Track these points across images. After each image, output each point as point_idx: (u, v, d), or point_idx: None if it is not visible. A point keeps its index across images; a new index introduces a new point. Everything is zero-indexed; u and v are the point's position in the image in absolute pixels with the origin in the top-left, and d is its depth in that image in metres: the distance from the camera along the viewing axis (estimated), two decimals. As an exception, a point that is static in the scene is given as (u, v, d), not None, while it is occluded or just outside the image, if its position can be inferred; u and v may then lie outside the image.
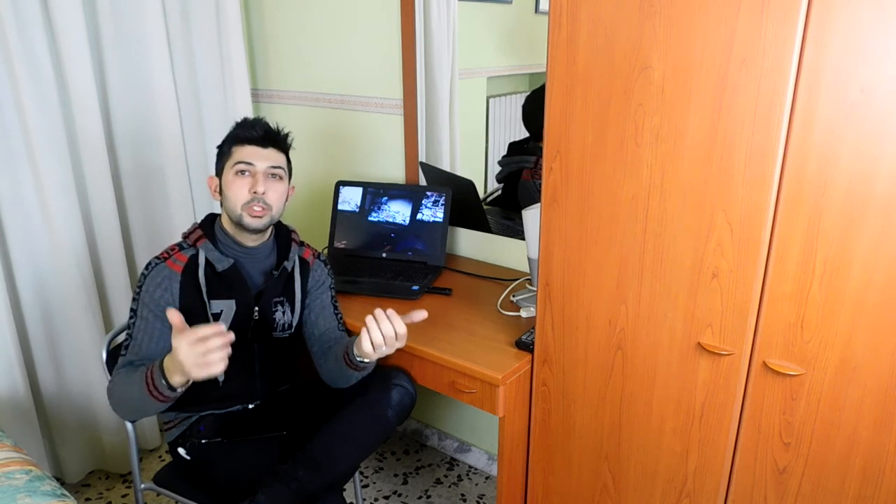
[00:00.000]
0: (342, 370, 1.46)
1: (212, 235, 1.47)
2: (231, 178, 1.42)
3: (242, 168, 1.41)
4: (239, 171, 1.42)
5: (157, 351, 1.40)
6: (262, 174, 1.42)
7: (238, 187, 1.41)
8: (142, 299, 1.40)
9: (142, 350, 1.40)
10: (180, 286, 1.41)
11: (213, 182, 1.49)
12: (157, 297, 1.40)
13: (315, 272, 1.59)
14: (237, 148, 1.43)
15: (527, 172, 1.88)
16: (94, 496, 2.10)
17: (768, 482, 1.22)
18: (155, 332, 1.40)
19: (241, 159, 1.42)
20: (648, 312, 1.27)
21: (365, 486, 2.15)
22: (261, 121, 1.47)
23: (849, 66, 0.96)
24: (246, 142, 1.43)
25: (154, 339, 1.40)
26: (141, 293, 1.41)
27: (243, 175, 1.42)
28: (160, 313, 1.39)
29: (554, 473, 1.54)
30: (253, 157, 1.42)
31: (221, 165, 1.46)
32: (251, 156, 1.42)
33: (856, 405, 1.09)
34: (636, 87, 1.15)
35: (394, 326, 1.32)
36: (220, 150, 1.48)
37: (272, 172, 1.44)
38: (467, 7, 1.84)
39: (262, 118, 1.49)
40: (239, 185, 1.41)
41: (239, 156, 1.42)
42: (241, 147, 1.43)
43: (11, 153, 1.78)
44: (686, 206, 1.16)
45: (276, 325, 1.52)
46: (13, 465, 1.30)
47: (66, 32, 1.81)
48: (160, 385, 1.25)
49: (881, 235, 1.00)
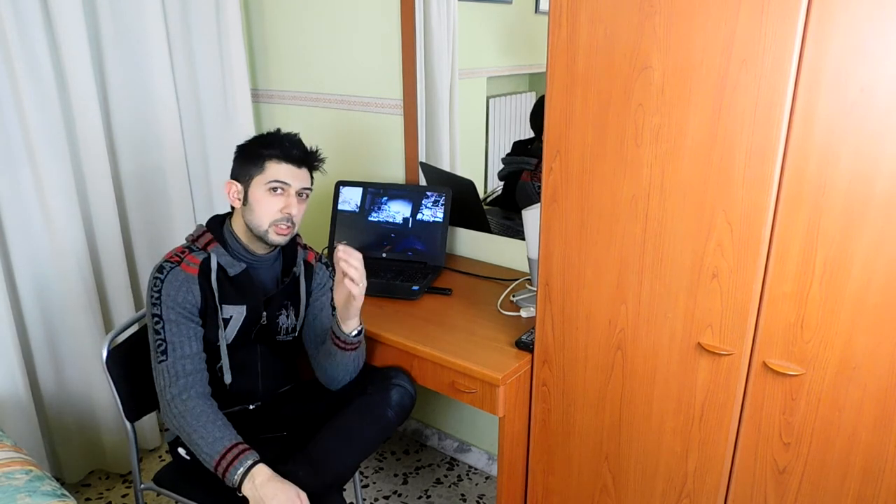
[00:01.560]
0: (335, 358, 1.47)
1: (222, 240, 1.46)
2: (263, 194, 1.41)
3: (278, 186, 1.40)
4: (273, 189, 1.40)
5: (197, 350, 1.40)
6: (295, 195, 1.42)
7: (270, 204, 1.40)
8: (164, 303, 1.38)
9: (185, 352, 1.38)
10: (200, 288, 1.41)
11: (234, 188, 1.45)
12: (180, 299, 1.38)
13: (318, 275, 1.59)
14: (274, 164, 1.41)
15: (526, 174, 1.88)
16: (94, 496, 2.10)
17: (768, 482, 1.22)
18: (190, 333, 1.39)
19: (278, 178, 1.40)
20: (648, 312, 1.27)
21: (365, 486, 2.15)
22: (299, 140, 1.46)
23: (849, 66, 0.96)
24: (285, 160, 1.41)
25: (191, 338, 1.39)
26: (161, 298, 1.38)
27: (276, 193, 1.41)
28: (187, 315, 1.39)
29: (554, 473, 1.54)
30: (289, 178, 1.41)
31: (249, 175, 1.42)
32: (288, 176, 1.41)
33: (856, 405, 1.09)
34: (636, 87, 1.15)
35: (354, 255, 1.36)
36: (247, 158, 1.44)
37: (303, 192, 1.44)
38: (467, 7, 1.84)
39: (298, 135, 1.47)
40: (271, 202, 1.40)
41: (275, 173, 1.40)
42: (278, 164, 1.41)
43: (11, 153, 1.78)
44: (686, 206, 1.16)
45: (280, 329, 1.53)
46: (13, 465, 1.30)
47: (66, 32, 1.81)
48: (229, 481, 1.29)
49: (881, 235, 1.00)
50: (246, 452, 1.30)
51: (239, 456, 1.29)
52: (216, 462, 1.30)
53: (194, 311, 1.40)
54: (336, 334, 1.45)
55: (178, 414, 1.35)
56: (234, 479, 1.28)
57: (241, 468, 1.28)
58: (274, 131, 1.47)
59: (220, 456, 1.30)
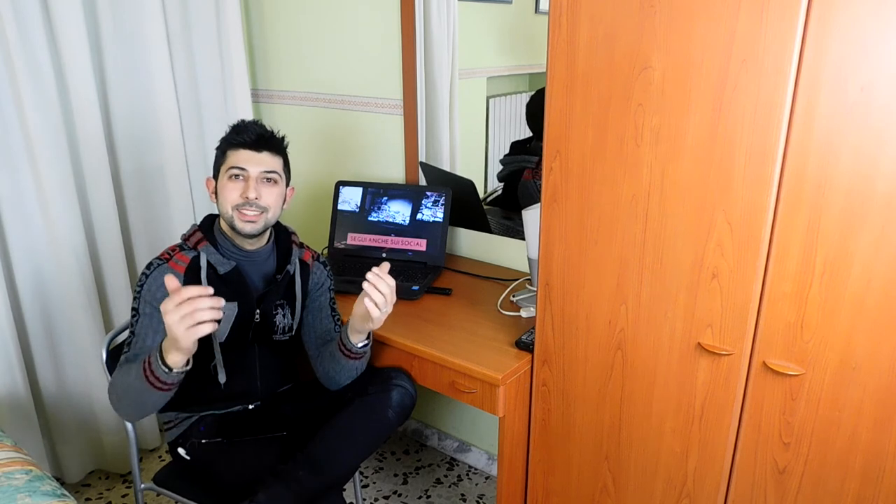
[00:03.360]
0: (339, 363, 1.47)
1: (212, 238, 1.47)
2: (224, 182, 1.42)
3: (236, 173, 1.41)
4: (232, 176, 1.41)
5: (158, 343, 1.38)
6: (255, 179, 1.41)
7: (229, 191, 1.41)
8: (143, 297, 1.39)
9: (145, 344, 1.38)
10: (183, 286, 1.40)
11: (211, 184, 1.48)
12: (159, 296, 1.38)
13: (315, 274, 1.59)
14: (231, 152, 1.42)
15: (528, 172, 1.88)
16: (94, 496, 2.10)
17: (768, 482, 1.22)
18: (159, 327, 1.38)
19: (235, 164, 1.41)
20: (648, 312, 1.27)
21: (365, 486, 2.15)
22: (255, 124, 1.45)
23: (849, 66, 0.96)
24: (240, 146, 1.42)
25: (157, 331, 1.39)
26: (142, 292, 1.39)
27: (236, 179, 1.41)
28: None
29: (554, 473, 1.54)
30: (246, 162, 1.41)
31: (217, 168, 1.45)
32: (245, 160, 1.41)
33: (856, 405, 1.09)
34: (636, 87, 1.15)
35: (385, 281, 1.34)
36: (217, 153, 1.47)
37: (266, 177, 1.43)
38: (467, 7, 1.84)
39: (258, 121, 1.47)
40: (231, 188, 1.41)
41: (233, 160, 1.41)
42: (235, 151, 1.42)
43: (11, 153, 1.78)
44: (686, 205, 1.16)
45: (276, 328, 1.52)
46: (13, 465, 1.30)
47: (66, 32, 1.81)
48: (158, 370, 1.23)
49: (881, 235, 1.00)
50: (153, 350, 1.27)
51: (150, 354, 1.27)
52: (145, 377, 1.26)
53: None
54: (343, 342, 1.45)
55: (110, 391, 1.36)
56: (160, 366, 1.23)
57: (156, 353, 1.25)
58: (237, 121, 1.48)
59: (142, 368, 1.26)
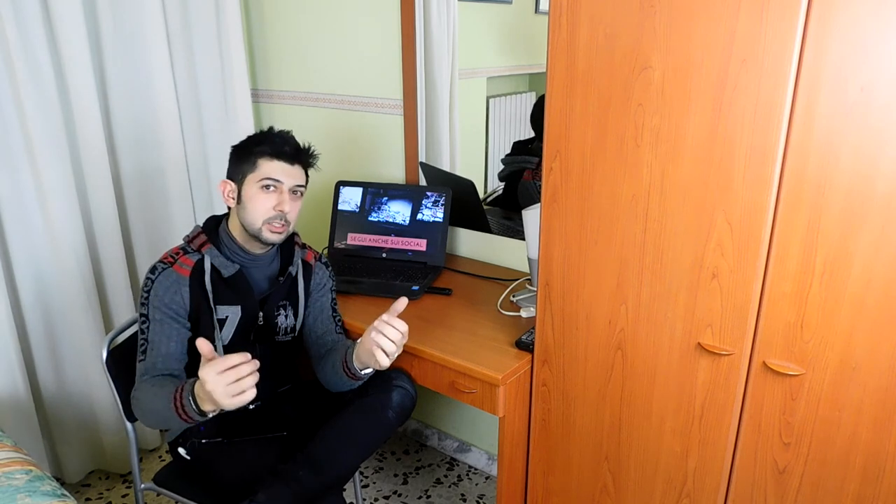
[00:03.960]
0: (339, 377, 1.46)
1: (216, 240, 1.46)
2: (255, 192, 1.41)
3: (269, 184, 1.40)
4: (265, 186, 1.40)
5: (175, 351, 1.39)
6: (288, 192, 1.42)
7: (262, 202, 1.40)
8: (151, 303, 1.39)
9: (161, 351, 1.38)
10: (190, 290, 1.41)
11: (228, 187, 1.46)
12: (167, 300, 1.39)
13: (317, 274, 1.59)
14: (265, 162, 1.41)
15: (528, 173, 1.88)
16: (94, 496, 2.10)
17: (768, 482, 1.22)
18: (172, 333, 1.39)
19: (270, 175, 1.40)
20: (648, 312, 1.27)
21: (365, 486, 2.15)
22: (291, 137, 1.46)
23: (849, 66, 0.96)
24: (276, 157, 1.41)
25: (171, 338, 1.39)
26: (150, 297, 1.39)
27: (268, 190, 1.41)
28: (173, 315, 1.39)
29: (554, 473, 1.54)
30: (282, 175, 1.41)
31: (242, 174, 1.43)
32: (280, 173, 1.41)
33: (856, 405, 1.09)
34: (636, 87, 1.15)
35: (397, 328, 1.33)
36: (241, 156, 1.44)
37: (295, 190, 1.44)
38: (467, 7, 1.84)
39: (290, 133, 1.47)
40: (263, 199, 1.40)
41: (267, 171, 1.40)
42: (269, 161, 1.41)
43: (11, 153, 1.78)
44: (686, 206, 1.16)
45: (279, 329, 1.52)
46: (13, 465, 1.30)
47: (66, 32, 1.81)
48: (190, 410, 1.23)
49: (881, 235, 1.00)
50: (185, 386, 1.25)
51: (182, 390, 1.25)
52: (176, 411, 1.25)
53: (181, 312, 1.40)
54: (347, 361, 1.43)
55: (135, 404, 1.35)
56: (193, 410, 1.22)
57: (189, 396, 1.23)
58: (267, 129, 1.47)
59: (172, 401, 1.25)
